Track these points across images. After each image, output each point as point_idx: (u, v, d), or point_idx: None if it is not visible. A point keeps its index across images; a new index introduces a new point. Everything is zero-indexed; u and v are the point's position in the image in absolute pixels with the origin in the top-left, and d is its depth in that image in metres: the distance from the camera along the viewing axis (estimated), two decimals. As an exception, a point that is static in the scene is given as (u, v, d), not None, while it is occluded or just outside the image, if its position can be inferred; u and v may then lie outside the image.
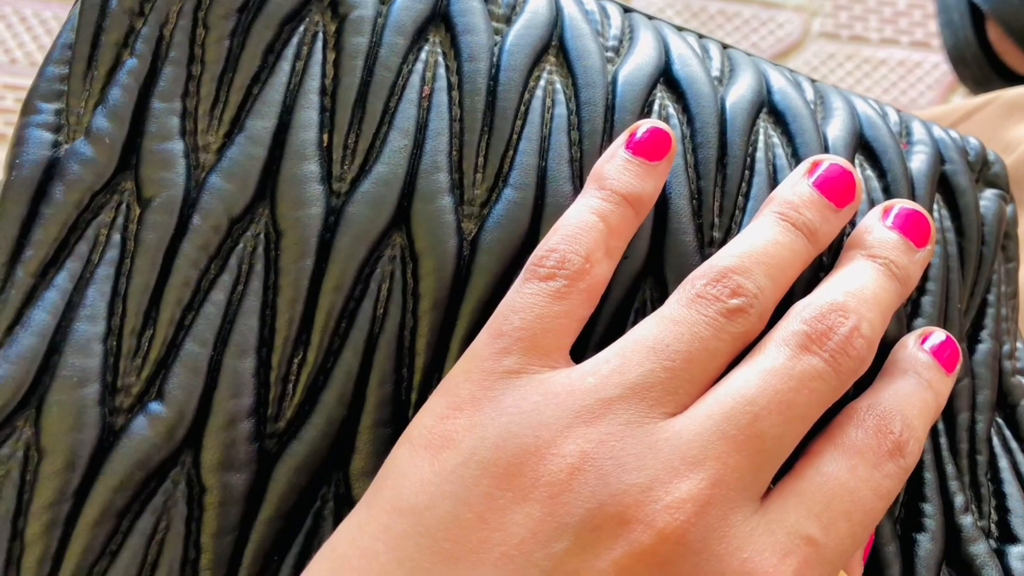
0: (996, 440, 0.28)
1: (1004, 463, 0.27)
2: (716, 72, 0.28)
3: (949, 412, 0.27)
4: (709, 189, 0.25)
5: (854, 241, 0.25)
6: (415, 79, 0.25)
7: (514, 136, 0.25)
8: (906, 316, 0.27)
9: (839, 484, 0.21)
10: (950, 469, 0.26)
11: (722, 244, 0.25)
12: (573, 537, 0.19)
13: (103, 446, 0.21)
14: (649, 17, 0.29)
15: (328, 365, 0.23)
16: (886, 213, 0.26)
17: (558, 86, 0.26)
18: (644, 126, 0.24)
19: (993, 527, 0.27)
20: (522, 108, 0.25)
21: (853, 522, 0.21)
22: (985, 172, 0.31)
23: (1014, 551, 0.26)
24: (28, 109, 0.23)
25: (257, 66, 0.24)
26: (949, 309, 0.28)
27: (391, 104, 0.24)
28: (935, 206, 0.29)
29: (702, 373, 0.22)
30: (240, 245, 0.23)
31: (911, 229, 0.25)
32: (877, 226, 0.25)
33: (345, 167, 0.24)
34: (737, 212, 0.26)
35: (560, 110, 0.25)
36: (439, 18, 0.26)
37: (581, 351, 0.24)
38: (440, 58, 0.25)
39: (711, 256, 0.25)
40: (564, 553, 0.19)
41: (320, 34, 0.25)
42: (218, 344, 0.22)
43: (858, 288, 0.23)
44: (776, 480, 0.22)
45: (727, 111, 0.27)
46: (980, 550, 0.25)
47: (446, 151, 0.24)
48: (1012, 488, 0.27)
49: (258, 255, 0.23)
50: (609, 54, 0.27)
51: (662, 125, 0.25)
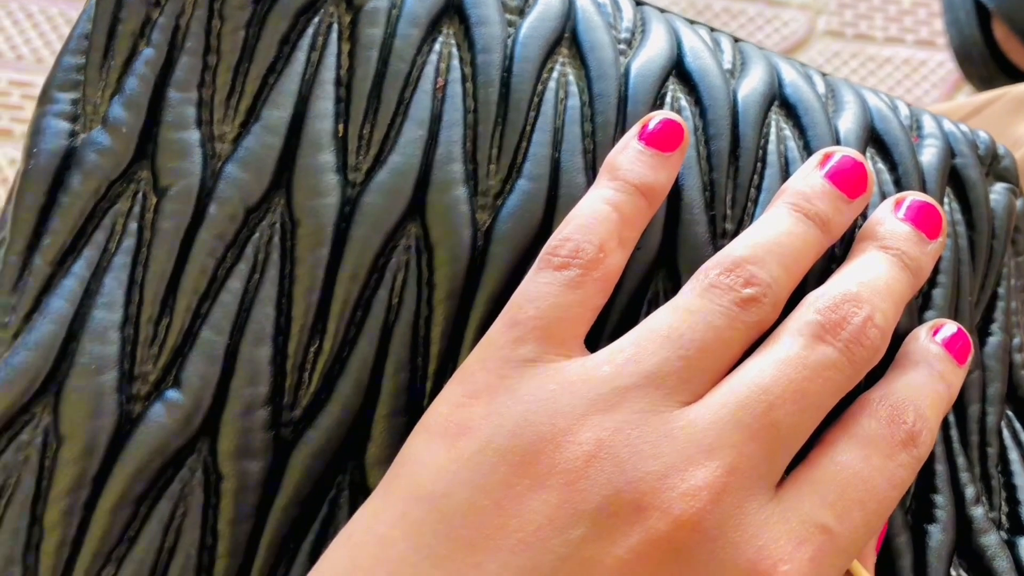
0: (1006, 432, 0.28)
1: (1015, 455, 0.27)
2: (728, 65, 0.28)
3: (960, 404, 0.27)
4: (721, 181, 0.26)
5: (866, 233, 0.25)
6: (429, 70, 0.25)
7: (527, 127, 0.25)
8: (917, 308, 0.27)
9: (853, 473, 0.21)
10: (961, 461, 0.26)
11: (734, 236, 0.25)
12: (590, 524, 0.20)
13: (121, 433, 0.21)
14: (661, 10, 0.29)
15: (344, 354, 0.23)
16: (898, 205, 0.26)
17: (571, 78, 0.26)
18: (657, 117, 0.25)
19: (1004, 519, 0.27)
20: (535, 100, 0.25)
21: (867, 511, 0.21)
22: (995, 166, 0.31)
23: (1024, 542, 0.26)
24: (45, 99, 0.23)
25: (273, 56, 0.24)
26: (960, 302, 0.28)
27: (406, 95, 0.24)
28: (945, 199, 0.29)
29: (716, 362, 0.22)
30: (256, 234, 0.23)
31: (923, 221, 0.25)
32: (889, 218, 0.25)
33: (360, 157, 0.24)
34: (749, 204, 0.26)
35: (573, 102, 0.25)
36: (453, 10, 0.26)
37: (595, 341, 0.24)
38: (454, 49, 0.25)
39: (723, 247, 0.25)
40: (580, 540, 0.19)
41: (335, 25, 0.25)
42: (234, 332, 0.22)
43: (871, 279, 0.23)
44: (789, 470, 0.22)
45: (739, 103, 0.27)
46: (991, 541, 0.25)
47: (460, 142, 0.24)
48: (1022, 480, 0.27)
49: (274, 244, 0.23)
50: (621, 46, 0.27)
51: (674, 116, 0.25)
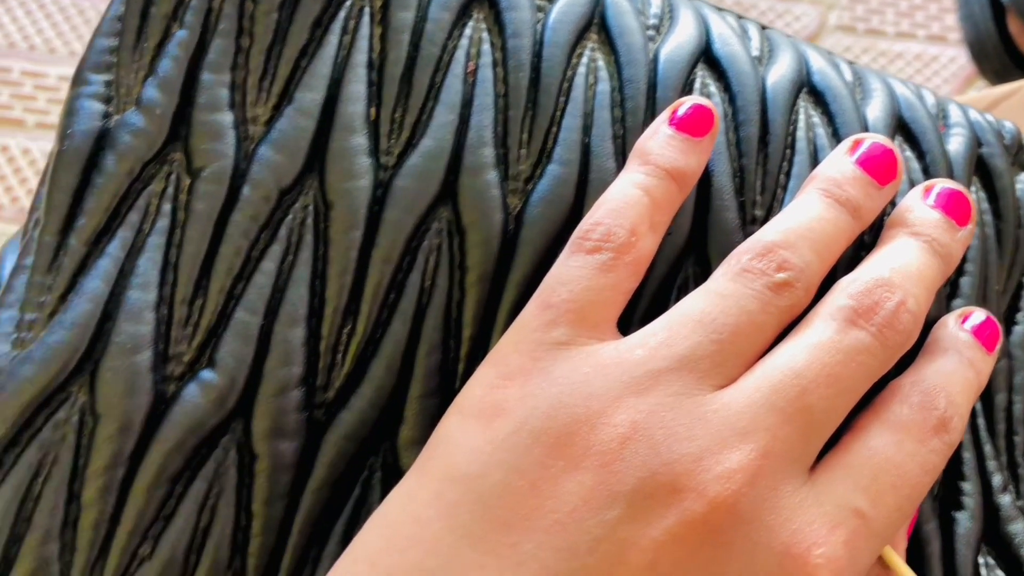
0: (1033, 421, 0.28)
1: (1042, 443, 0.27)
2: (756, 52, 0.28)
3: (986, 393, 0.27)
4: (751, 167, 0.26)
5: (896, 220, 0.25)
6: (460, 54, 0.25)
7: (558, 112, 0.25)
8: (945, 297, 0.27)
9: (886, 458, 0.22)
10: (988, 449, 0.26)
11: (764, 222, 0.25)
12: (625, 505, 0.20)
13: (156, 412, 0.22)
14: (687, -3, 0.29)
15: (377, 335, 0.23)
16: (927, 192, 0.26)
17: (600, 63, 0.26)
18: (687, 102, 0.25)
19: (1031, 507, 0.27)
20: (565, 85, 0.25)
21: (900, 496, 0.21)
22: (1021, 156, 0.31)
23: (1052, 530, 0.26)
24: (79, 80, 0.23)
25: (305, 39, 0.24)
26: (987, 290, 0.28)
27: (437, 79, 0.24)
28: (972, 188, 0.29)
29: (749, 346, 0.22)
30: (289, 216, 0.23)
31: (953, 208, 0.25)
32: (919, 205, 0.25)
33: (392, 141, 0.24)
34: (779, 191, 0.26)
35: (603, 87, 0.25)
36: None
37: (625, 326, 0.24)
38: (484, 34, 0.25)
39: (753, 233, 0.25)
40: (616, 521, 0.19)
41: (367, 8, 0.25)
42: (268, 313, 0.22)
43: (903, 264, 0.23)
44: (820, 455, 0.22)
45: (768, 90, 0.27)
46: (1019, 529, 0.25)
47: (491, 126, 0.24)
48: None
49: (307, 226, 0.23)
50: (650, 32, 0.27)
51: (705, 101, 0.25)
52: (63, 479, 0.21)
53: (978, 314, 0.25)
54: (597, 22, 0.26)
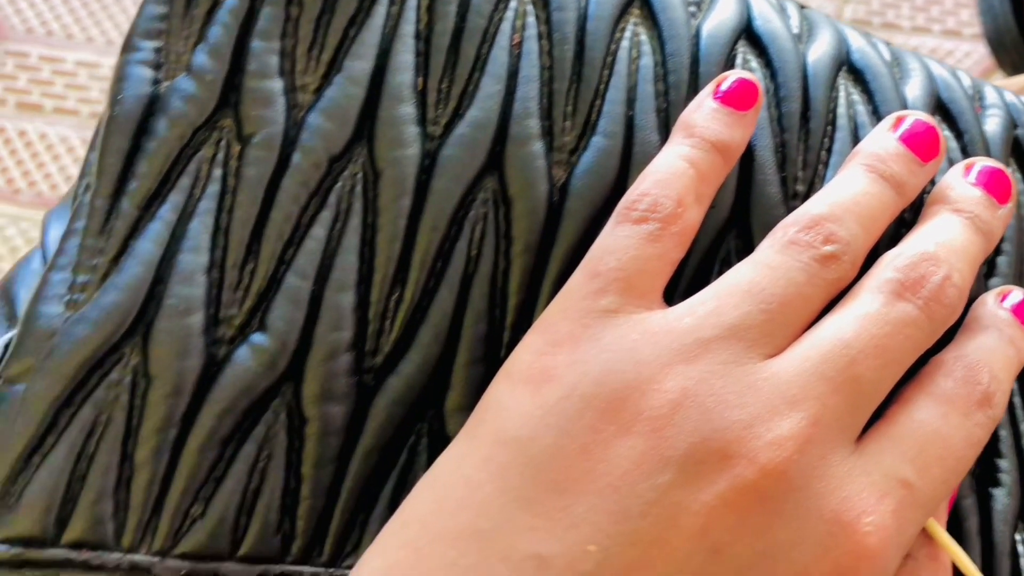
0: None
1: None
2: (795, 30, 0.28)
3: (1021, 373, 0.27)
4: (793, 143, 0.26)
5: (937, 196, 0.25)
6: (506, 26, 0.25)
7: (602, 85, 0.25)
8: (983, 275, 0.27)
9: (932, 430, 0.22)
10: (1024, 427, 0.27)
11: (805, 197, 0.26)
12: (677, 470, 0.20)
13: (207, 374, 0.22)
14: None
15: (424, 303, 0.23)
16: (968, 170, 0.26)
17: (643, 37, 0.26)
18: (732, 76, 0.25)
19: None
20: (609, 58, 0.25)
21: (946, 468, 0.21)
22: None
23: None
24: (128, 47, 0.23)
25: (354, 9, 0.24)
26: (1023, 269, 0.28)
27: (483, 51, 0.25)
28: (1009, 169, 0.29)
29: (797, 318, 0.22)
30: (339, 183, 0.23)
31: (993, 185, 0.26)
32: (960, 182, 0.26)
33: (439, 111, 0.24)
34: (820, 167, 0.26)
35: (646, 61, 0.26)
36: None
37: (668, 298, 0.24)
38: (529, 7, 0.25)
39: (794, 208, 0.25)
40: (668, 485, 0.20)
41: None
42: (319, 279, 0.22)
43: (948, 240, 0.24)
44: (866, 428, 0.22)
45: (809, 67, 0.27)
46: (1056, 506, 0.26)
47: (537, 98, 0.24)
48: None
49: (356, 194, 0.23)
50: (691, 8, 0.27)
51: (749, 75, 0.25)
52: (117, 439, 0.21)
53: (1016, 293, 0.25)
54: None
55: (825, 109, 0.26)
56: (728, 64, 0.26)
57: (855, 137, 0.26)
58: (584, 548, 0.19)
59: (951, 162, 0.27)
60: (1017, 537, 0.26)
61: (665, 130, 0.25)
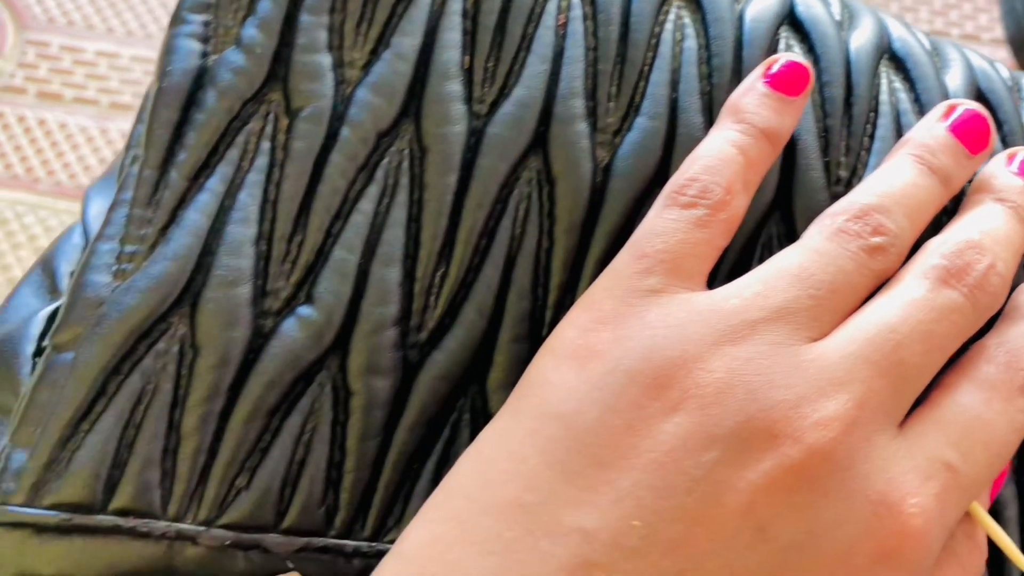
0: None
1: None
2: (837, 17, 0.28)
3: None
4: (836, 128, 0.26)
5: (980, 185, 0.25)
6: (551, 6, 0.25)
7: (646, 67, 0.25)
8: (1020, 266, 0.27)
9: (976, 415, 0.22)
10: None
11: (848, 183, 0.25)
12: (723, 448, 0.20)
13: (254, 346, 0.22)
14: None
15: (469, 280, 0.23)
16: (1010, 159, 0.26)
17: (687, 20, 0.26)
18: (781, 59, 0.25)
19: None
20: (653, 40, 0.25)
21: (990, 452, 0.21)
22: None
23: None
24: (177, 20, 0.23)
25: None
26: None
27: (529, 30, 0.25)
28: None
29: (843, 304, 0.22)
30: (386, 159, 0.23)
31: None
32: (1003, 171, 0.25)
33: (485, 89, 0.24)
34: (863, 153, 0.26)
35: (690, 43, 0.26)
36: None
37: (710, 282, 0.24)
38: None
39: (837, 194, 0.25)
40: (714, 463, 0.20)
41: None
42: (366, 253, 0.23)
43: (992, 228, 0.24)
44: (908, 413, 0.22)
45: (851, 53, 0.27)
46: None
47: (582, 78, 0.24)
48: None
49: (403, 170, 0.23)
50: None
51: (800, 59, 0.25)
52: (164, 408, 0.21)
53: (1056, 283, 0.25)
54: None
55: (868, 95, 0.26)
56: (772, 49, 0.26)
57: (898, 124, 0.26)
58: (629, 523, 0.19)
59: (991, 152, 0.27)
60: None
61: (709, 113, 0.25)
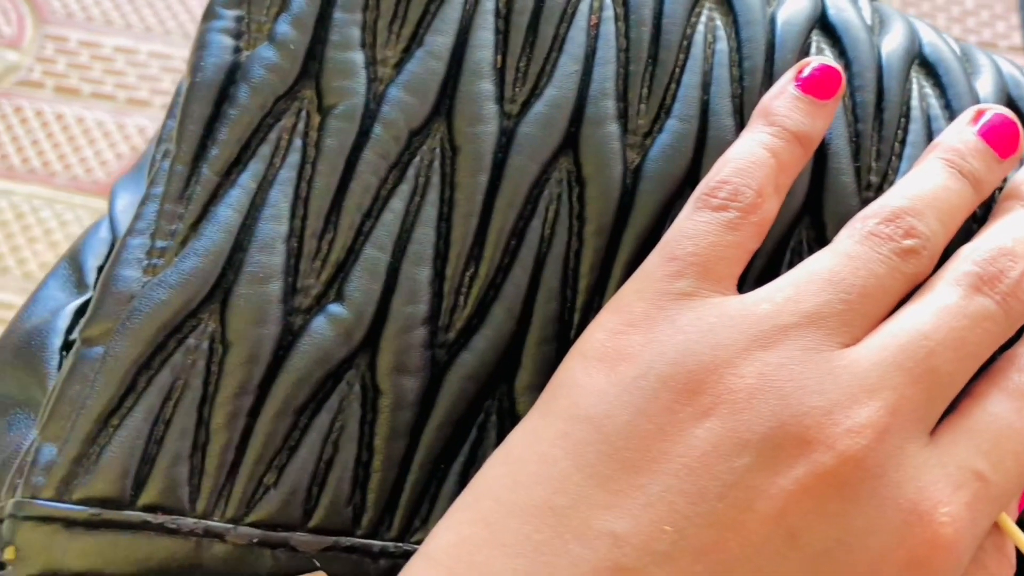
0: None
1: None
2: (868, 22, 0.28)
3: None
4: (867, 133, 0.26)
5: (1011, 192, 0.25)
6: (584, 7, 0.25)
7: (677, 69, 0.25)
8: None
9: (1007, 424, 0.21)
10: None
11: (879, 189, 0.25)
12: (755, 454, 0.19)
13: (284, 343, 0.22)
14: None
15: (498, 280, 0.23)
16: (1042, 166, 0.26)
17: (718, 23, 0.26)
18: (813, 62, 0.24)
19: None
20: (685, 42, 0.25)
21: (1020, 462, 0.21)
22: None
23: None
24: (210, 15, 0.23)
25: None
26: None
27: (561, 30, 0.24)
28: None
29: (876, 309, 0.22)
30: (417, 157, 0.23)
31: None
32: (1035, 178, 0.25)
33: (517, 89, 0.24)
34: (894, 158, 0.26)
35: (721, 46, 0.25)
36: None
37: (739, 285, 0.24)
38: None
39: (868, 199, 0.25)
40: (746, 469, 0.19)
41: None
42: (396, 251, 0.22)
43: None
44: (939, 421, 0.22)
45: (883, 58, 0.27)
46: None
47: (613, 79, 0.24)
48: None
49: (434, 168, 0.23)
50: None
51: (831, 62, 0.24)
52: (193, 404, 0.21)
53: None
54: None
55: (899, 100, 0.26)
56: (803, 52, 0.26)
57: (929, 130, 0.26)
58: (659, 528, 0.19)
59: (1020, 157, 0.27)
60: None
61: (739, 115, 0.25)
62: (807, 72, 0.24)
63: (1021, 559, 0.23)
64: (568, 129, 0.24)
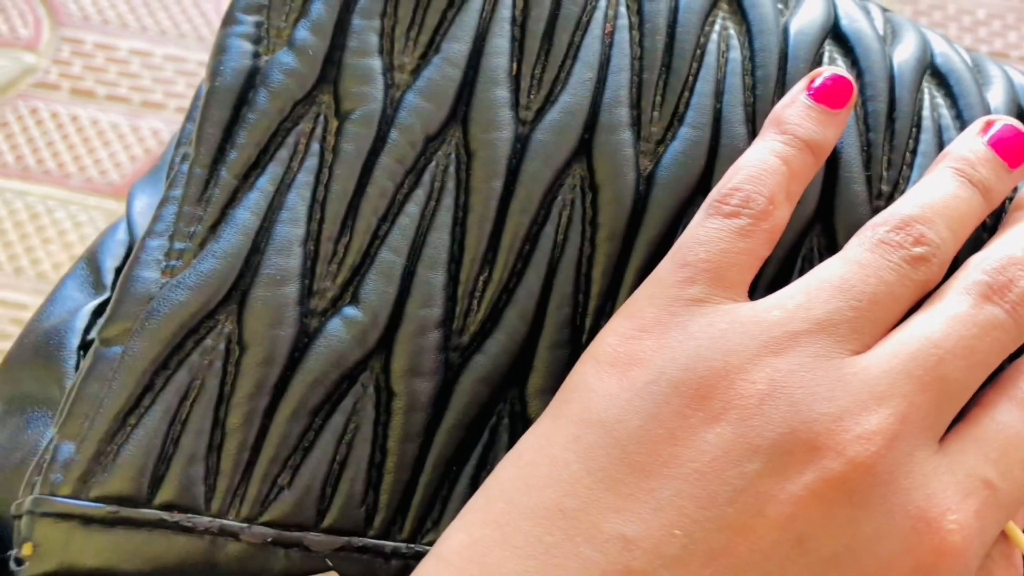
0: None
1: None
2: (880, 31, 0.28)
3: None
4: (879, 142, 0.26)
5: (1021, 202, 0.25)
6: (598, 15, 0.25)
7: (690, 77, 0.25)
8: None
9: (1015, 433, 0.22)
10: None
11: (890, 198, 0.25)
12: (765, 459, 0.20)
13: (299, 345, 0.22)
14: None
15: (512, 285, 0.23)
16: (1053, 178, 0.26)
17: (732, 32, 0.26)
18: (825, 72, 0.25)
19: None
20: (698, 51, 0.25)
21: None
22: None
23: None
24: (229, 20, 0.24)
25: None
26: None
27: (576, 38, 0.25)
28: None
29: (886, 316, 0.22)
30: (433, 163, 0.23)
31: None
32: (1046, 190, 0.25)
33: (531, 96, 0.24)
34: (905, 168, 0.26)
35: (735, 55, 0.26)
36: None
37: (750, 292, 0.24)
38: None
39: (879, 208, 0.25)
40: (756, 474, 0.20)
41: None
42: (411, 255, 0.23)
43: None
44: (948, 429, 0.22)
45: (895, 68, 0.27)
46: None
47: (627, 87, 0.25)
48: None
49: (450, 174, 0.23)
50: (779, 6, 0.27)
51: (844, 72, 0.25)
52: (209, 404, 0.21)
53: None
54: None
55: (911, 110, 0.26)
56: (816, 62, 0.26)
57: (940, 140, 0.26)
58: (670, 532, 0.19)
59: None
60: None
61: (752, 124, 0.25)
62: (819, 81, 0.25)
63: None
64: (582, 136, 0.24)
